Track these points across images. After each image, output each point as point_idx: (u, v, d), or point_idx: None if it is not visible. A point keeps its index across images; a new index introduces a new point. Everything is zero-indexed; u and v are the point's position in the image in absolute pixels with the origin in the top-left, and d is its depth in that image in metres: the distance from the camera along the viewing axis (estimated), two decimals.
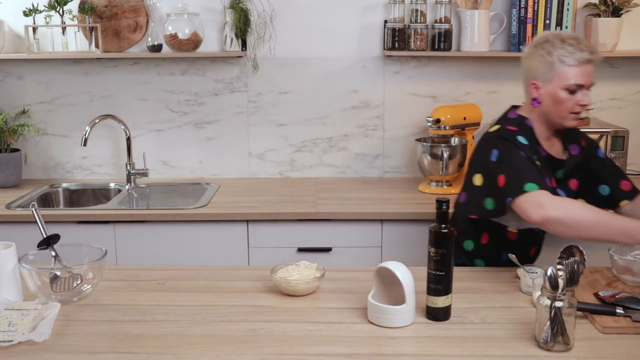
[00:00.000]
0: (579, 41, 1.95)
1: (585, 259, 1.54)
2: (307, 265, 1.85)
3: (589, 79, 1.96)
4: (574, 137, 2.15)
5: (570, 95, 1.95)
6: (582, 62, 1.93)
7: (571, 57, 1.92)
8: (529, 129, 2.03)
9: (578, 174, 2.12)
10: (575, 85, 1.94)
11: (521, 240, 2.09)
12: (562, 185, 2.08)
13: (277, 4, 3.08)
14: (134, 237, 2.73)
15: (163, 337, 1.56)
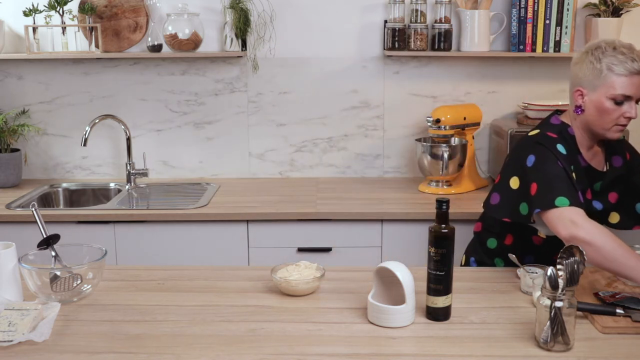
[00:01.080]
0: (632, 50, 1.88)
1: (585, 259, 1.54)
2: (307, 265, 1.85)
3: (637, 91, 1.87)
4: (619, 148, 2.08)
5: (615, 105, 1.88)
6: (632, 72, 1.85)
7: (621, 65, 1.85)
8: (570, 137, 1.96)
9: (619, 187, 2.05)
10: (623, 95, 1.86)
11: (546, 245, 2.03)
12: (599, 198, 2.02)
13: (277, 4, 3.08)
14: (134, 237, 2.73)
15: (163, 337, 1.56)
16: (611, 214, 2.08)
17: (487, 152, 3.26)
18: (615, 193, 2.05)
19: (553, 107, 2.96)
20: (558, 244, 2.01)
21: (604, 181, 2.02)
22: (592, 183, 2.00)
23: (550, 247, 2.01)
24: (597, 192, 2.02)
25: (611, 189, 2.04)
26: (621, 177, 2.05)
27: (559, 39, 3.01)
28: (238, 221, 2.72)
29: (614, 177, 2.04)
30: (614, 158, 2.06)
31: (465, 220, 2.65)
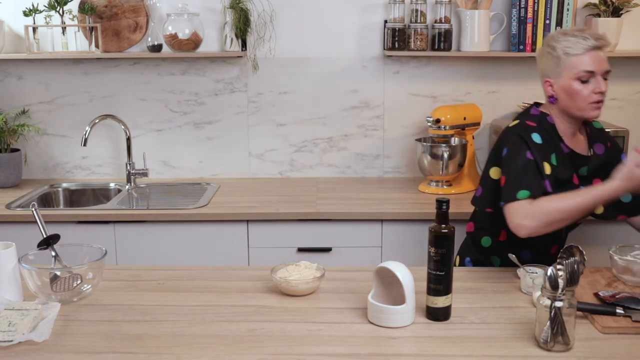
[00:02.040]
0: (582, 31, 1.95)
1: (585, 259, 1.54)
2: (307, 265, 1.85)
3: (599, 65, 1.93)
4: (601, 137, 2.13)
5: (583, 85, 1.94)
6: (587, 49, 1.92)
7: (575, 46, 1.93)
8: (550, 125, 2.02)
9: (602, 174, 2.07)
10: (585, 72, 1.93)
11: (541, 239, 2.01)
12: (585, 183, 2.04)
13: (277, 4, 3.08)
14: (134, 237, 2.73)
15: (163, 337, 1.56)
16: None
17: (487, 152, 3.26)
18: (599, 180, 2.08)
19: None
20: (554, 236, 2.04)
21: (590, 166, 2.07)
22: (577, 168, 2.04)
23: (545, 240, 2.02)
24: (584, 177, 2.06)
25: (595, 175, 2.08)
26: (604, 164, 2.09)
27: None
28: (238, 221, 2.72)
29: (598, 164, 2.08)
30: (595, 145, 2.10)
31: (465, 220, 2.65)
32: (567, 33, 1.97)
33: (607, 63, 1.96)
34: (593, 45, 1.92)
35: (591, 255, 1.66)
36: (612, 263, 1.88)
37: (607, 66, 1.96)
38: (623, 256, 1.85)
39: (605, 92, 1.96)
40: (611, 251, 1.88)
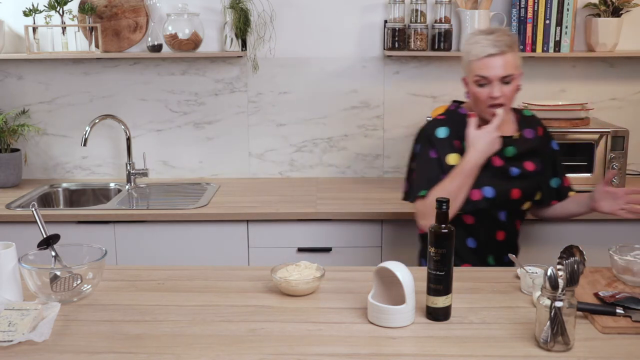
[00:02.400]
0: (490, 33, 2.02)
1: (585, 259, 1.54)
2: (307, 265, 1.85)
3: (494, 71, 2.01)
4: (531, 123, 2.24)
5: (481, 88, 2.04)
6: (484, 55, 2.00)
7: (475, 50, 2.02)
8: (461, 116, 2.14)
9: (535, 158, 2.18)
10: (480, 77, 2.02)
11: (481, 225, 2.17)
12: (515, 164, 2.15)
13: (277, 4, 3.08)
14: (134, 237, 2.73)
15: (163, 337, 1.56)
16: (536, 193, 2.23)
17: None
18: (531, 163, 2.18)
19: (553, 107, 2.96)
20: (492, 221, 2.16)
21: (518, 146, 2.16)
22: (502, 149, 2.11)
23: (486, 225, 2.14)
24: (512, 157, 2.15)
25: (527, 157, 2.18)
26: (535, 150, 2.18)
27: (559, 39, 3.01)
28: (238, 221, 2.72)
29: (529, 148, 2.18)
30: (525, 130, 2.21)
31: None
32: (475, 35, 2.06)
33: (505, 69, 2.00)
34: (489, 52, 1.99)
35: (591, 255, 1.66)
36: (612, 263, 1.88)
37: (504, 72, 2.01)
38: (623, 256, 1.85)
39: (503, 97, 2.03)
40: (611, 251, 1.88)
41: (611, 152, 2.85)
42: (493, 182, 2.11)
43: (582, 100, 3.10)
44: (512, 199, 2.14)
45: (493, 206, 2.13)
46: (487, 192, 2.11)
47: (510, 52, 2.01)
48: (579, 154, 2.90)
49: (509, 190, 2.13)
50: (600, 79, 3.19)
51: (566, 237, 2.58)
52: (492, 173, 2.11)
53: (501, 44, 2.00)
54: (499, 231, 2.18)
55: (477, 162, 2.03)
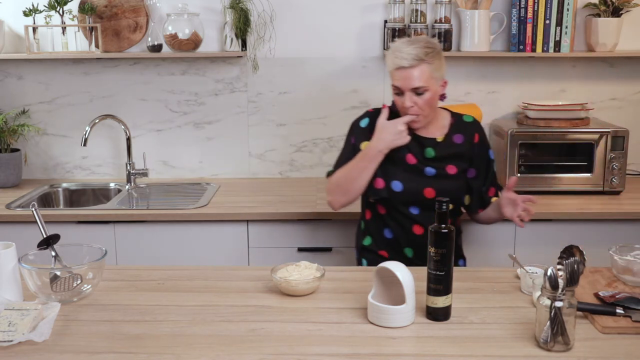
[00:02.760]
0: (403, 47, 2.07)
1: (585, 259, 1.54)
2: (307, 265, 1.85)
3: (405, 83, 2.08)
4: (467, 129, 2.26)
5: (397, 96, 2.14)
6: (397, 67, 2.08)
7: (390, 60, 2.10)
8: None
9: (460, 163, 2.21)
10: (394, 87, 2.12)
11: (392, 217, 2.22)
12: (434, 164, 2.20)
13: (277, 4, 3.08)
14: (134, 237, 2.73)
15: (163, 337, 1.56)
16: (466, 197, 2.29)
17: None
18: (454, 166, 2.21)
19: (553, 107, 2.96)
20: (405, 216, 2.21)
21: (439, 149, 2.20)
22: (422, 149, 2.20)
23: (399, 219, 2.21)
24: (431, 158, 2.20)
25: (450, 161, 2.21)
26: (462, 155, 2.21)
27: (559, 39, 3.01)
28: (238, 221, 2.72)
29: (453, 152, 2.21)
30: (455, 135, 2.24)
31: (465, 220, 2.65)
32: (396, 44, 2.12)
33: (415, 81, 2.07)
34: (400, 65, 2.06)
35: (591, 255, 1.66)
36: (612, 263, 1.88)
37: (415, 84, 2.07)
38: (623, 256, 1.85)
39: (416, 107, 2.10)
40: (611, 251, 1.88)
41: (611, 152, 2.85)
42: (403, 178, 2.18)
43: (582, 100, 3.10)
44: (426, 197, 2.18)
45: (402, 200, 2.19)
46: (395, 185, 2.18)
47: (423, 64, 2.06)
48: (579, 154, 2.90)
49: (421, 188, 2.18)
50: (600, 79, 3.19)
51: (566, 237, 2.58)
52: (403, 169, 2.19)
53: (412, 57, 2.05)
54: (415, 225, 2.21)
55: (377, 148, 2.13)
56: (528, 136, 2.89)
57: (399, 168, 2.19)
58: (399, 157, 2.18)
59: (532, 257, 2.34)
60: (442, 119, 2.26)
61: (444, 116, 2.27)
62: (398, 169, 2.19)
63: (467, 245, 2.61)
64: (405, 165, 2.19)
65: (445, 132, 2.23)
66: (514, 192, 2.11)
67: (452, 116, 2.28)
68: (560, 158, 2.92)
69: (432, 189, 2.18)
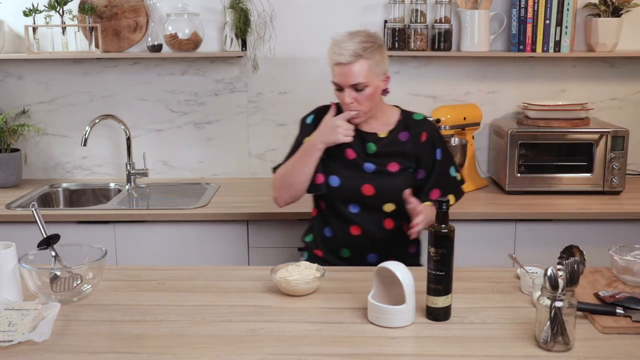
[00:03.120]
0: (343, 43, 2.03)
1: (585, 259, 1.54)
2: (307, 265, 1.85)
3: (344, 79, 2.04)
4: (415, 127, 2.19)
5: (338, 92, 2.10)
6: (336, 63, 2.04)
7: (330, 57, 2.06)
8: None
9: (403, 161, 2.15)
10: (334, 83, 2.09)
11: (331, 214, 2.19)
12: (374, 160, 2.15)
13: (277, 4, 3.08)
14: (134, 237, 2.73)
15: (163, 337, 1.56)
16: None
17: (487, 152, 3.26)
18: (397, 164, 2.15)
19: (553, 107, 2.96)
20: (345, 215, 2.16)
21: (380, 145, 2.15)
22: (363, 143, 2.15)
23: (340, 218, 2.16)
24: (373, 154, 2.15)
25: (392, 158, 2.15)
26: (406, 153, 2.15)
27: (559, 39, 3.01)
28: (238, 221, 2.72)
29: (397, 150, 2.15)
30: (401, 133, 2.18)
31: (465, 220, 2.65)
32: (337, 39, 2.08)
33: (354, 77, 2.03)
34: (338, 61, 2.03)
35: (591, 255, 1.66)
36: (612, 263, 1.88)
37: (353, 80, 2.03)
38: (623, 256, 1.85)
39: (356, 103, 2.06)
40: (611, 251, 1.88)
41: (611, 152, 2.85)
42: (341, 173, 2.15)
43: (582, 100, 3.10)
44: (365, 195, 2.13)
45: (340, 197, 2.15)
46: (333, 180, 2.15)
47: (362, 59, 2.01)
48: (579, 154, 2.90)
49: (359, 185, 2.13)
50: (600, 79, 3.19)
51: (566, 237, 2.58)
52: (343, 164, 2.15)
53: (350, 52, 2.00)
54: (353, 226, 2.16)
55: (312, 142, 2.12)
56: (528, 136, 2.89)
57: (339, 163, 2.15)
58: (339, 152, 2.15)
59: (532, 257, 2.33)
60: (390, 115, 2.20)
61: (393, 113, 2.21)
62: (338, 164, 2.15)
63: (468, 245, 2.61)
64: (345, 160, 2.15)
65: (391, 128, 2.18)
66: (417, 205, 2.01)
67: (401, 114, 2.22)
68: (560, 158, 2.92)
69: (370, 186, 2.12)
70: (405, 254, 2.20)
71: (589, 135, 2.87)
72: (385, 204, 2.14)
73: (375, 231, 2.16)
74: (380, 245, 2.17)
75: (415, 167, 2.17)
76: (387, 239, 2.17)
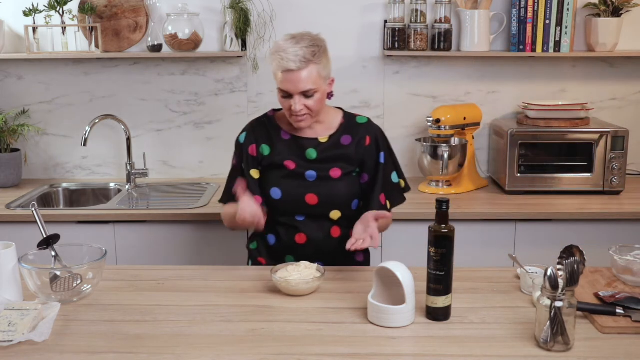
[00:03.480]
0: (288, 48, 1.95)
1: (585, 259, 1.54)
2: (307, 265, 1.85)
3: (294, 87, 1.96)
4: (358, 131, 2.13)
5: (284, 99, 2.01)
6: (283, 70, 1.96)
7: (274, 64, 1.98)
8: (268, 119, 2.16)
9: (346, 165, 2.09)
10: (280, 90, 2.00)
11: (278, 223, 2.10)
12: (315, 167, 2.08)
13: (277, 4, 3.08)
14: (134, 237, 2.73)
15: (163, 337, 1.56)
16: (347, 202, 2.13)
17: (487, 152, 3.26)
18: (338, 169, 2.09)
19: (553, 107, 2.96)
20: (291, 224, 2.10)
21: (320, 150, 2.09)
22: (303, 150, 2.09)
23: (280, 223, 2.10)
24: (313, 160, 2.09)
25: (334, 163, 2.09)
26: (349, 157, 2.10)
27: (559, 39, 3.01)
28: None
29: (340, 153, 2.09)
30: (344, 136, 2.12)
31: (465, 220, 2.65)
32: (279, 44, 1.99)
33: (304, 84, 1.95)
34: (286, 68, 1.95)
35: (591, 255, 1.66)
36: (612, 263, 1.88)
37: (303, 87, 1.96)
38: (623, 256, 1.85)
39: (305, 109, 2.00)
40: (611, 251, 1.88)
41: (611, 152, 2.85)
42: (281, 184, 2.08)
43: (582, 100, 3.10)
44: (309, 205, 2.06)
45: (282, 209, 2.08)
46: (274, 193, 2.08)
47: (311, 65, 1.95)
48: (579, 154, 2.90)
49: (302, 195, 2.06)
50: (600, 79, 3.19)
51: (566, 237, 2.58)
52: (283, 175, 2.08)
53: (299, 58, 1.93)
54: (298, 234, 2.09)
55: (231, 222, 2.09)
56: (528, 136, 2.89)
57: (279, 174, 2.08)
58: (277, 163, 2.09)
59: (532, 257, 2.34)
60: (332, 119, 2.13)
61: (335, 116, 2.14)
62: (278, 176, 2.08)
63: (468, 245, 2.61)
64: (285, 171, 2.08)
65: (332, 132, 2.11)
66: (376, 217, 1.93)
67: (344, 117, 2.15)
68: (560, 158, 2.92)
69: (314, 195, 2.05)
70: (352, 263, 2.14)
71: (589, 135, 2.87)
72: (331, 212, 2.08)
73: (321, 240, 2.10)
74: (326, 254, 2.09)
75: (359, 172, 2.13)
76: (333, 248, 2.10)
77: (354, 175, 2.12)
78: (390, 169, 2.16)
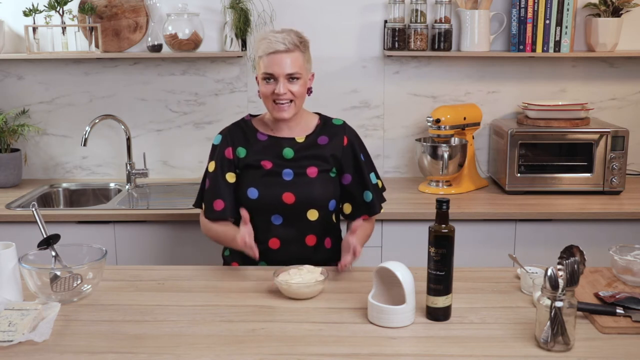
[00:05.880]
0: (276, 34, 2.03)
1: (585, 259, 1.54)
2: (310, 269, 1.84)
3: (280, 68, 2.01)
4: (335, 132, 2.16)
5: (267, 85, 2.05)
6: (269, 52, 2.01)
7: (262, 47, 2.03)
8: (245, 122, 2.19)
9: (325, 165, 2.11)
10: (265, 74, 2.04)
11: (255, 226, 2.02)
12: (293, 166, 2.10)
13: (277, 4, 3.08)
14: (134, 237, 2.73)
15: (163, 337, 1.56)
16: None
17: (487, 152, 3.26)
18: (315, 168, 2.10)
19: (553, 107, 2.96)
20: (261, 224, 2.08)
21: (297, 149, 2.11)
22: (280, 150, 2.11)
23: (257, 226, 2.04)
24: (290, 160, 2.10)
25: (311, 162, 2.11)
26: (325, 157, 2.12)
27: (559, 39, 3.01)
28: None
29: (317, 153, 2.11)
30: (320, 137, 2.15)
31: (465, 220, 2.65)
32: (265, 33, 2.09)
33: (291, 66, 2.02)
34: (275, 49, 2.00)
35: (591, 255, 1.66)
36: (612, 263, 1.88)
37: (290, 69, 2.01)
38: (623, 256, 1.85)
39: (289, 94, 2.03)
40: (611, 251, 1.88)
41: (611, 152, 2.85)
42: (258, 184, 2.08)
43: (582, 100, 3.10)
44: (286, 204, 2.06)
45: (260, 209, 2.07)
46: (251, 192, 2.08)
47: (298, 51, 2.03)
48: (579, 154, 2.90)
49: (279, 194, 2.06)
50: (600, 79, 3.19)
51: (566, 237, 2.58)
52: (260, 174, 2.09)
53: (288, 41, 2.01)
54: (272, 239, 2.09)
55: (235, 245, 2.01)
56: (528, 136, 2.89)
57: (256, 174, 2.09)
58: (254, 164, 2.10)
59: (532, 257, 2.34)
60: (309, 121, 2.18)
61: (312, 119, 2.19)
62: (255, 176, 2.09)
63: (468, 245, 2.61)
64: (261, 170, 2.09)
65: (309, 132, 2.14)
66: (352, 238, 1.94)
67: (320, 119, 2.19)
68: (560, 158, 2.92)
69: (290, 193, 2.05)
70: None
71: (589, 135, 2.87)
72: (308, 211, 2.08)
73: (295, 248, 2.10)
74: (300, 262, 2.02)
75: (336, 172, 2.14)
76: (306, 257, 2.07)
77: (331, 175, 2.14)
78: (369, 170, 2.19)
